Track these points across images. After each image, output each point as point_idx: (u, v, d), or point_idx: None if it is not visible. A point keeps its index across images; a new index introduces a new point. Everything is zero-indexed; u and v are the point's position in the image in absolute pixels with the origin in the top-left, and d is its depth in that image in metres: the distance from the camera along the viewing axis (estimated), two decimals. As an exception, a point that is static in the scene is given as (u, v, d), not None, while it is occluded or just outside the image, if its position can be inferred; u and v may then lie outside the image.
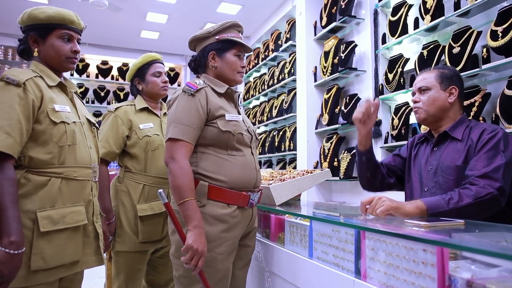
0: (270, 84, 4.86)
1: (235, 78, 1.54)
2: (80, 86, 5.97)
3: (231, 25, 1.54)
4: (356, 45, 3.39)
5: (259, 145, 5.02)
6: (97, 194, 1.54)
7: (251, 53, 5.56)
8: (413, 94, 1.65)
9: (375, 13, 3.27)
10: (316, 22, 4.01)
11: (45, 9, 1.39)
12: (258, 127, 5.23)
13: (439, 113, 1.57)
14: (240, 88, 6.04)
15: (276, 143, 4.54)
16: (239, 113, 1.53)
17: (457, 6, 2.45)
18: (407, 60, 2.94)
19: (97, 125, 1.59)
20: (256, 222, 1.63)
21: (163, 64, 2.10)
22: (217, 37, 1.51)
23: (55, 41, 1.40)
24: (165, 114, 2.07)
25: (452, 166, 1.47)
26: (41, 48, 1.40)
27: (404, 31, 2.91)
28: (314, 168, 3.66)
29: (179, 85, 6.66)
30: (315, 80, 3.89)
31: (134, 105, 1.99)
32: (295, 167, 4.18)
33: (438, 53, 2.58)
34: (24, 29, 1.42)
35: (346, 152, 3.37)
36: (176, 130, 1.38)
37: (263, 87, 5.10)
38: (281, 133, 4.51)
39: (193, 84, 1.44)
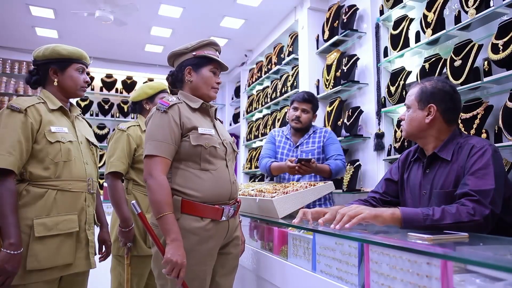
0: (273, 97, 4.89)
1: (209, 93, 1.61)
2: (84, 99, 6.04)
3: (209, 43, 1.61)
4: (358, 58, 3.42)
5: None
6: (93, 204, 1.69)
7: (253, 66, 5.63)
8: None
9: (377, 27, 3.31)
10: (318, 35, 4.06)
11: (65, 46, 1.67)
12: (261, 140, 5.25)
13: (417, 133, 1.51)
14: (243, 101, 6.07)
15: (279, 156, 4.54)
16: (215, 127, 1.59)
17: (457, 19, 2.48)
18: (409, 73, 2.96)
19: (96, 144, 1.80)
20: (238, 231, 1.65)
21: (169, 94, 2.32)
22: (194, 53, 1.58)
23: (73, 73, 1.67)
24: None
25: (442, 192, 1.43)
26: (59, 79, 1.65)
27: (406, 44, 2.94)
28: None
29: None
30: (318, 93, 3.91)
31: (139, 125, 2.19)
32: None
33: (439, 66, 2.59)
34: (43, 62, 1.64)
35: (349, 164, 3.36)
36: (151, 147, 1.44)
37: (266, 100, 5.13)
38: (284, 145, 4.51)
39: (165, 102, 1.50)
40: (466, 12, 2.41)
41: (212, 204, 1.48)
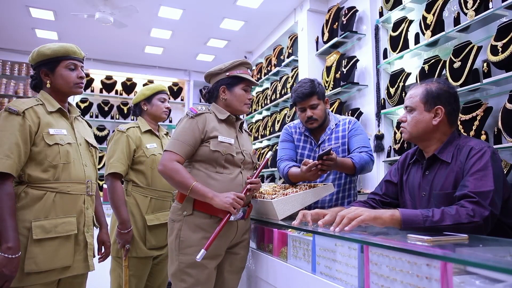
0: (272, 98, 4.89)
1: (242, 108, 1.78)
2: (84, 100, 6.04)
3: (241, 63, 1.76)
4: (357, 60, 3.42)
5: (262, 159, 5.04)
6: (92, 206, 1.69)
7: (253, 67, 5.63)
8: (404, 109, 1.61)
9: (376, 29, 3.32)
10: (318, 37, 4.07)
11: (50, 45, 1.62)
12: (261, 141, 5.25)
13: (423, 135, 1.50)
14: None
15: (279, 157, 4.54)
16: (237, 137, 1.75)
17: (457, 21, 2.49)
18: (409, 74, 2.97)
19: (96, 145, 1.79)
20: (248, 234, 1.77)
21: (168, 95, 2.35)
22: (227, 73, 1.74)
23: (63, 71, 1.62)
24: (166, 134, 2.35)
25: (442, 194, 1.43)
26: (52, 79, 1.62)
27: (405, 46, 2.94)
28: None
29: (182, 100, 6.74)
30: (317, 95, 3.91)
31: (139, 127, 2.20)
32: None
33: (439, 67, 2.60)
34: (35, 65, 1.63)
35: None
36: (170, 144, 1.63)
37: (265, 102, 5.13)
38: (283, 147, 4.51)
39: (195, 109, 1.69)
40: (465, 14, 2.42)
41: None
